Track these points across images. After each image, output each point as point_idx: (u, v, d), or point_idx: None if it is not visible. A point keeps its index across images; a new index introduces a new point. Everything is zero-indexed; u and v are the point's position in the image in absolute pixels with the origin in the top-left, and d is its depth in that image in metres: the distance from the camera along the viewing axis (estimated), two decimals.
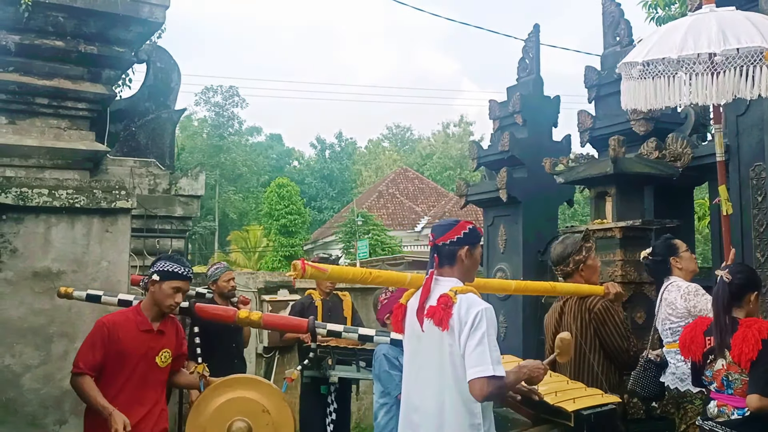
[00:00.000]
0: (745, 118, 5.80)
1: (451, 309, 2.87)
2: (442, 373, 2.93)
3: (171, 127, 7.58)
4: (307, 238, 38.78)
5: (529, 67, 8.56)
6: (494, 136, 8.77)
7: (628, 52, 7.15)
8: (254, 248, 35.54)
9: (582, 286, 4.09)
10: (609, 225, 6.11)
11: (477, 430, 2.90)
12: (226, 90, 53.29)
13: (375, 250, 27.44)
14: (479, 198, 8.86)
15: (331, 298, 5.99)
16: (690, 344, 3.72)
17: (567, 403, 3.44)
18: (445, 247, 3.06)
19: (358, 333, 4.27)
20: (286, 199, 37.81)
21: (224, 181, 49.37)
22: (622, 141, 6.25)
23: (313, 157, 61.34)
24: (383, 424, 3.81)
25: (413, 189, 39.64)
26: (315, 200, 52.60)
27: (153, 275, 3.62)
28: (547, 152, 7.92)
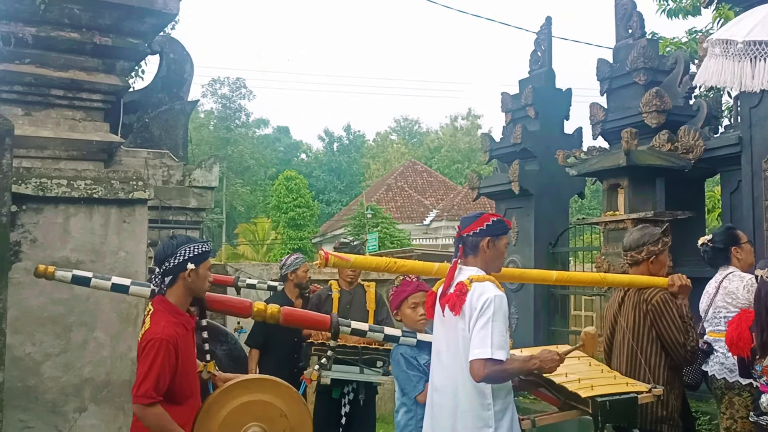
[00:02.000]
0: (758, 110, 5.79)
1: (464, 295, 3.05)
2: (457, 355, 3.11)
3: (184, 118, 7.62)
4: (315, 231, 38.84)
5: (541, 59, 8.58)
6: (506, 128, 8.80)
7: (640, 44, 7.20)
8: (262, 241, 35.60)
9: (638, 278, 4.02)
10: (621, 217, 6.14)
11: (488, 410, 3.05)
12: (233, 82, 53.36)
13: (384, 243, 27.46)
14: (491, 190, 8.89)
15: (353, 289, 5.39)
16: (737, 341, 3.78)
17: (585, 389, 3.49)
18: (468, 238, 3.22)
19: (384, 333, 3.89)
20: (294, 191, 37.85)
21: (231, 174, 49.43)
22: (635, 133, 6.26)
23: (320, 149, 61.39)
24: (403, 423, 3.77)
25: (422, 182, 39.63)
26: (323, 193, 52.64)
27: (187, 264, 3.20)
28: (558, 145, 7.95)
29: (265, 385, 3.57)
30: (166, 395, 3.14)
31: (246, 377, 3.66)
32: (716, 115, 7.04)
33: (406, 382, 3.74)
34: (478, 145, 38.13)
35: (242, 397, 3.42)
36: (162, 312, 3.20)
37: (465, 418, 3.06)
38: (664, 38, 10.72)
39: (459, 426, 3.08)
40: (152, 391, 3.06)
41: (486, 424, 3.03)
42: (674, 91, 7.03)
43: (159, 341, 3.09)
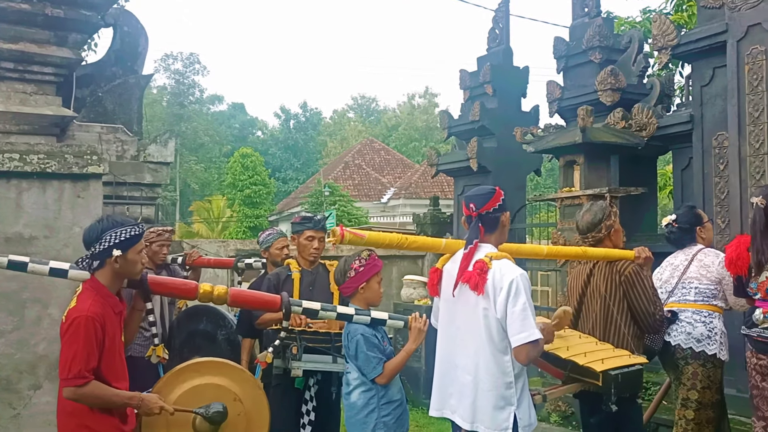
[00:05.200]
0: (709, 88, 5.94)
1: (486, 274, 3.03)
2: (478, 334, 3.09)
3: (138, 92, 7.46)
4: (272, 209, 38.52)
5: (499, 37, 8.63)
6: (464, 105, 8.85)
7: (596, 23, 7.30)
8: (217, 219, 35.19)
9: (613, 251, 4.13)
10: (577, 193, 6.24)
11: (510, 388, 3.06)
12: (186, 57, 52.30)
13: (341, 221, 27.40)
14: (450, 167, 8.96)
15: (314, 269, 4.75)
16: (737, 260, 4.04)
17: (596, 363, 3.58)
18: (488, 216, 3.21)
19: (337, 312, 3.73)
20: (250, 169, 37.38)
21: (185, 151, 48.59)
22: (590, 111, 6.36)
23: (277, 127, 60.73)
24: (362, 403, 3.66)
25: (379, 160, 39.57)
26: (279, 171, 52.18)
27: (113, 251, 3.06)
28: (516, 122, 8.03)
29: (217, 368, 3.45)
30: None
31: (197, 360, 3.49)
32: (669, 93, 7.19)
33: (365, 363, 3.64)
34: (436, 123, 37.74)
35: (193, 381, 3.32)
36: (89, 291, 3.08)
37: (487, 396, 3.05)
38: (619, 17, 10.88)
39: (480, 403, 3.07)
40: (84, 371, 2.93)
41: (509, 402, 3.04)
42: (628, 69, 7.15)
43: (85, 319, 2.96)
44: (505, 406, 3.03)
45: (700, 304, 4.39)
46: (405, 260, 9.18)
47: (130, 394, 3.06)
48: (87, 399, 2.97)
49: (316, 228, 4.66)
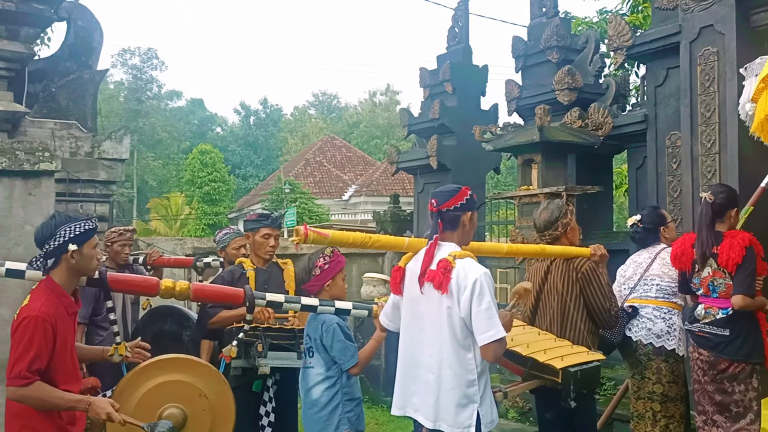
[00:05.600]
0: (663, 88, 6.06)
1: (450, 273, 3.02)
2: (441, 333, 3.08)
3: (93, 88, 7.33)
4: (231, 206, 38.20)
5: (458, 35, 8.68)
6: (424, 103, 8.89)
7: (554, 23, 7.39)
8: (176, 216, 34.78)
9: (570, 248, 4.20)
10: (535, 191, 6.31)
11: (473, 386, 3.06)
12: (144, 52, 51.49)
13: (302, 218, 27.29)
14: (410, 165, 8.99)
15: (268, 267, 4.66)
16: (681, 256, 4.23)
17: (556, 360, 3.64)
18: (449, 213, 3.18)
19: (300, 303, 3.74)
20: (209, 166, 37.04)
21: (143, 147, 47.79)
22: (548, 110, 6.44)
23: (236, 123, 60.12)
24: (325, 400, 3.65)
25: (340, 157, 39.51)
26: (239, 168, 51.69)
27: (69, 245, 3.00)
28: (475, 120, 8.09)
29: (182, 364, 3.45)
30: (42, 380, 2.92)
31: (161, 358, 3.49)
32: (624, 93, 7.31)
33: (342, 352, 3.64)
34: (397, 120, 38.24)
35: (158, 378, 3.31)
36: (43, 290, 3.01)
37: (450, 395, 3.05)
38: (576, 18, 11.03)
39: (443, 402, 3.07)
40: (26, 372, 2.85)
41: (472, 400, 3.05)
42: (585, 69, 7.26)
43: (35, 319, 2.89)
44: (468, 404, 3.04)
45: (660, 301, 4.48)
46: (365, 258, 9.18)
47: (77, 398, 2.99)
48: (29, 400, 2.90)
49: (272, 225, 4.60)
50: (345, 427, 3.65)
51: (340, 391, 3.67)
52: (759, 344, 4.02)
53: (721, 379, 4.03)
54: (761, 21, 5.35)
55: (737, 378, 4.00)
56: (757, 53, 5.39)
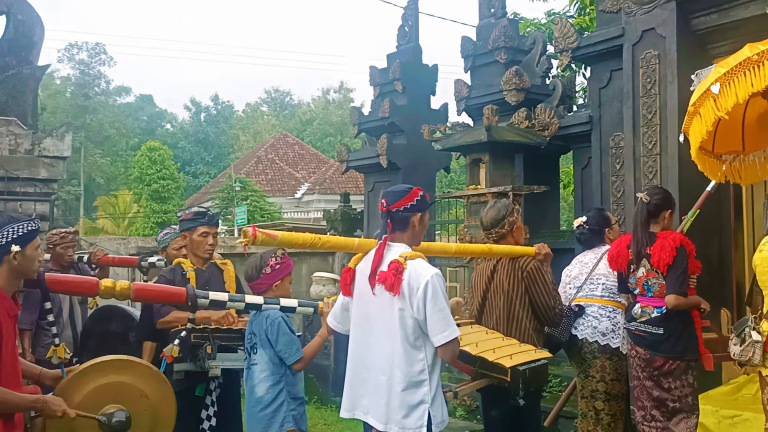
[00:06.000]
0: (607, 90, 6.17)
1: (401, 275, 3.00)
2: (393, 334, 3.06)
3: (33, 84, 7.12)
4: (181, 204, 37.61)
5: (408, 35, 8.70)
6: (374, 102, 8.89)
7: (502, 24, 7.46)
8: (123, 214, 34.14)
9: (516, 247, 4.23)
10: (483, 190, 6.36)
11: (424, 386, 3.05)
12: (91, 47, 50.31)
13: (254, 216, 27.04)
14: (360, 164, 8.98)
15: (208, 267, 4.54)
16: (617, 257, 4.31)
17: (504, 359, 3.67)
18: (398, 214, 3.15)
19: (244, 301, 3.73)
20: (158, 163, 36.45)
21: (90, 144, 46.73)
22: (496, 110, 6.50)
23: (187, 120, 59.20)
24: (270, 398, 3.63)
25: (293, 155, 39.23)
26: (190, 165, 50.94)
27: (11, 246, 2.94)
28: (425, 120, 8.12)
29: (122, 365, 3.41)
30: None
31: (100, 359, 3.42)
32: (570, 94, 7.43)
33: (288, 346, 3.62)
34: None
35: (98, 380, 3.27)
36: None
37: (402, 396, 3.04)
38: (525, 18, 11.16)
39: (394, 403, 3.05)
40: None
41: (423, 401, 3.04)
42: (533, 70, 7.35)
43: None
44: (420, 404, 3.03)
45: (606, 300, 4.56)
46: (315, 257, 9.14)
47: (33, 397, 2.96)
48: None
49: (209, 223, 4.51)
50: (289, 425, 3.64)
51: (285, 388, 3.65)
52: (693, 341, 4.11)
53: (657, 376, 4.12)
54: (701, 25, 5.49)
55: (673, 374, 4.09)
56: (697, 56, 5.55)
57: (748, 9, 5.19)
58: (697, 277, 4.24)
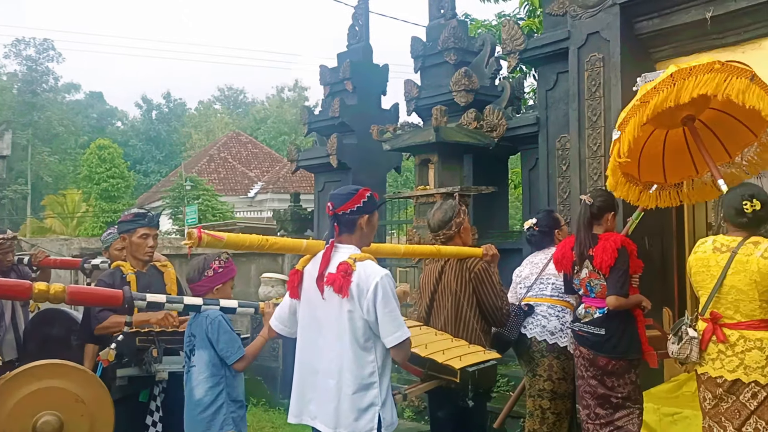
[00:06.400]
0: (554, 92, 6.24)
1: (350, 276, 2.97)
2: (342, 337, 3.03)
3: None
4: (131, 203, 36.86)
5: (359, 34, 8.67)
6: (325, 101, 8.84)
7: (451, 24, 7.48)
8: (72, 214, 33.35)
9: (464, 249, 4.24)
10: (431, 191, 6.37)
11: (374, 388, 3.03)
12: (39, 43, 49.02)
13: (206, 215, 26.65)
14: (310, 163, 8.92)
15: (148, 270, 4.47)
16: (562, 259, 4.35)
17: (454, 360, 3.67)
18: (345, 216, 3.11)
19: (183, 303, 3.66)
20: (107, 161, 35.68)
21: (38, 142, 45.53)
22: (444, 111, 6.51)
23: (138, 117, 58.17)
24: (209, 400, 3.57)
25: (246, 154, 38.81)
26: (141, 163, 50.03)
27: None
28: (376, 119, 8.11)
29: (56, 370, 3.34)
30: None
31: (33, 365, 3.35)
32: (519, 96, 7.49)
33: (229, 344, 3.58)
34: None
35: (31, 385, 3.20)
36: None
37: (352, 399, 3.01)
38: (476, 20, 11.22)
39: (344, 407, 3.01)
40: None
41: (373, 403, 3.01)
42: (482, 71, 7.39)
43: None
44: (370, 407, 3.02)
45: (555, 299, 4.62)
46: (264, 257, 9.03)
47: None
48: None
49: (150, 225, 4.42)
50: (229, 428, 3.59)
51: (225, 390, 3.61)
52: (635, 341, 4.17)
53: (601, 375, 4.17)
54: (644, 29, 5.59)
55: (616, 374, 4.15)
56: (641, 60, 5.65)
57: (689, 14, 5.30)
58: (639, 276, 4.33)
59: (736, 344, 3.62)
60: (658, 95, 3.98)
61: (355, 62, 8.44)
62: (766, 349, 3.56)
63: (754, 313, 3.59)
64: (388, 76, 8.83)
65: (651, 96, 4.07)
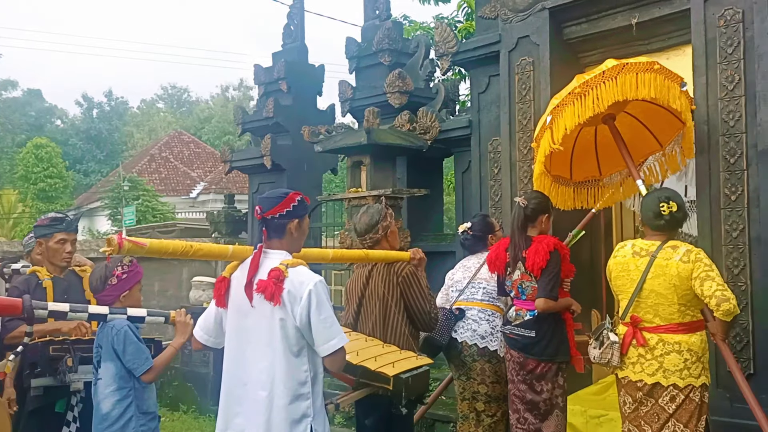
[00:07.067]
0: (486, 95, 6.24)
1: (282, 283, 2.84)
2: (274, 347, 2.90)
3: None
4: (70, 204, 35.89)
5: (294, 33, 8.56)
6: (260, 101, 8.71)
7: (386, 26, 7.43)
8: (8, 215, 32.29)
9: (391, 253, 4.17)
10: (363, 193, 6.30)
11: (306, 399, 2.92)
12: None
13: (145, 216, 26.06)
14: (244, 164, 8.77)
15: (66, 275, 4.35)
16: (495, 260, 4.38)
17: (387, 367, 3.59)
18: (274, 221, 2.99)
19: (88, 312, 3.50)
20: (45, 161, 34.67)
21: None
22: (378, 113, 6.45)
23: (78, 116, 56.64)
24: (117, 414, 3.45)
25: (189, 153, 38.11)
26: (81, 163, 48.70)
27: None
28: (312, 120, 8.01)
29: None
30: None
31: None
32: (453, 98, 7.48)
33: (136, 356, 3.46)
34: None
35: None
36: None
37: (284, 411, 2.89)
38: (414, 22, 11.22)
39: (276, 419, 2.89)
40: None
41: (305, 415, 2.90)
42: (416, 73, 7.36)
43: None
44: (302, 418, 2.90)
45: (485, 304, 4.61)
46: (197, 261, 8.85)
47: None
48: None
49: (68, 230, 4.29)
50: None
51: (134, 403, 3.49)
52: (564, 344, 4.20)
53: (530, 379, 4.18)
54: (573, 34, 5.63)
55: (545, 377, 4.15)
56: (570, 64, 5.69)
57: (615, 20, 5.36)
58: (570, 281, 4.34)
59: (655, 348, 3.66)
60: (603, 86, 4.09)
61: (290, 62, 8.33)
62: (684, 353, 3.61)
63: (673, 316, 3.64)
64: (324, 76, 8.75)
65: (592, 86, 4.13)
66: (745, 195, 4.49)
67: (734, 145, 4.53)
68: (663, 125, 4.73)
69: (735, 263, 4.51)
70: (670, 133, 4.73)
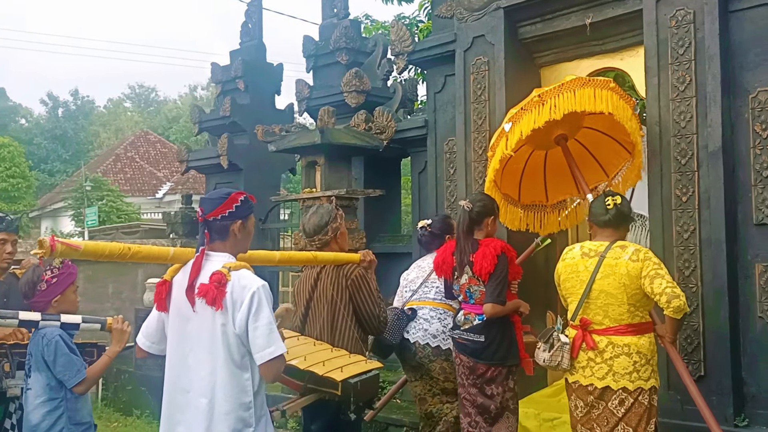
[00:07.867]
0: (442, 95, 6.17)
1: (224, 287, 2.73)
2: (215, 353, 2.78)
3: None
4: (33, 204, 35.28)
5: (251, 32, 8.44)
6: (217, 100, 8.58)
7: (343, 24, 7.34)
8: None
9: (341, 255, 4.09)
10: (318, 194, 6.20)
11: (249, 408, 2.81)
12: None
13: (110, 217, 25.68)
14: (201, 164, 8.63)
15: (6, 278, 4.28)
16: (442, 264, 4.30)
17: (335, 372, 3.50)
18: (216, 222, 2.87)
19: (18, 318, 3.37)
20: (7, 160, 34.01)
21: None
22: (333, 112, 6.36)
23: (43, 115, 55.71)
24: (48, 425, 3.34)
25: (155, 153, 37.66)
26: (45, 162, 47.89)
27: None
28: (270, 119, 7.90)
29: None
30: None
31: None
32: (411, 98, 7.41)
33: (67, 367, 3.34)
34: None
35: None
36: None
37: (225, 420, 2.77)
38: (376, 21, 11.15)
39: (217, 428, 2.77)
40: None
41: (247, 424, 2.79)
42: (374, 72, 7.28)
43: None
44: (244, 428, 2.79)
45: (437, 302, 4.55)
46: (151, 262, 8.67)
47: None
48: None
49: (8, 230, 4.20)
50: None
51: (65, 415, 3.37)
52: (513, 347, 4.15)
53: (481, 383, 4.13)
54: (527, 33, 5.59)
55: (495, 381, 4.11)
56: (524, 64, 5.66)
57: (569, 20, 5.32)
58: (521, 281, 4.30)
59: (605, 351, 3.62)
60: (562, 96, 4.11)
61: (247, 60, 8.20)
62: (633, 355, 3.58)
63: (623, 317, 3.61)
64: (282, 75, 8.63)
65: (551, 95, 4.12)
66: (696, 196, 4.47)
67: (685, 146, 4.51)
68: (610, 155, 4.80)
69: (686, 264, 4.49)
70: (616, 163, 4.79)
